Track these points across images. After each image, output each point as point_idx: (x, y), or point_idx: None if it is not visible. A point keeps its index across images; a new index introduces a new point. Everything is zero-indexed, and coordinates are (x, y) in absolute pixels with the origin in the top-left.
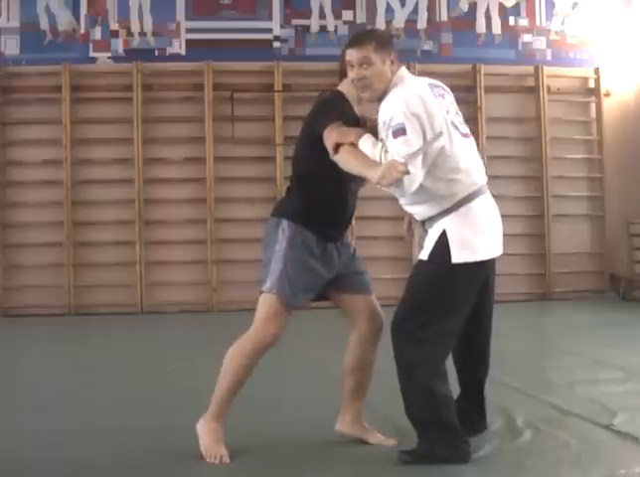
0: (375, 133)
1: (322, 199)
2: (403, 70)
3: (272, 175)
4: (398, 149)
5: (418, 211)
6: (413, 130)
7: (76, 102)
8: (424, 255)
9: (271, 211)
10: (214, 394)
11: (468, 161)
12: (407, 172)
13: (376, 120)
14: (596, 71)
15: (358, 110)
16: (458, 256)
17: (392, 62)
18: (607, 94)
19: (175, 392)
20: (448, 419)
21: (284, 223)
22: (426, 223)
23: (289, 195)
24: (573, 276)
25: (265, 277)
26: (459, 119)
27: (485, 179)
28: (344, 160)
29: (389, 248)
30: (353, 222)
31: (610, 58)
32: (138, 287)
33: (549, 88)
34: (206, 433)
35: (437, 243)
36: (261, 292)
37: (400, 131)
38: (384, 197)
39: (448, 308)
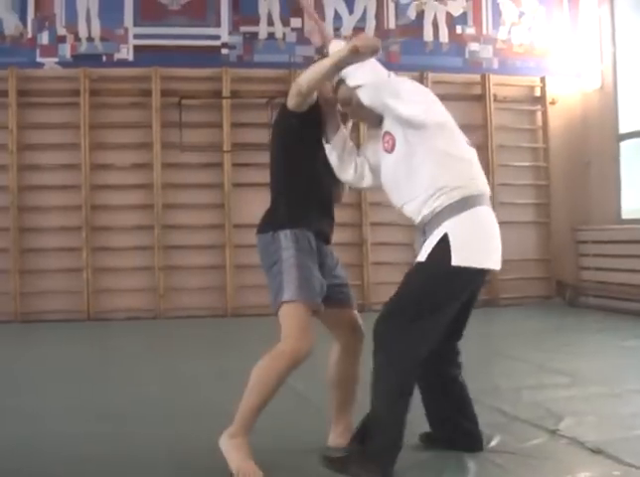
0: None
1: (305, 194)
2: None
3: (220, 181)
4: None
5: (414, 209)
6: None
7: (22, 107)
8: (422, 257)
9: (258, 227)
10: (239, 409)
11: (468, 153)
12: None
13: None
14: (542, 79)
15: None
16: (459, 260)
17: None
18: (553, 103)
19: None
20: (399, 435)
21: (280, 234)
22: (427, 227)
23: (274, 204)
24: (520, 282)
25: (280, 290)
26: None
27: (488, 190)
28: (311, 71)
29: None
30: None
31: (556, 66)
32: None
33: (495, 97)
34: (234, 450)
35: (437, 245)
36: (281, 304)
37: None
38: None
39: (438, 307)
